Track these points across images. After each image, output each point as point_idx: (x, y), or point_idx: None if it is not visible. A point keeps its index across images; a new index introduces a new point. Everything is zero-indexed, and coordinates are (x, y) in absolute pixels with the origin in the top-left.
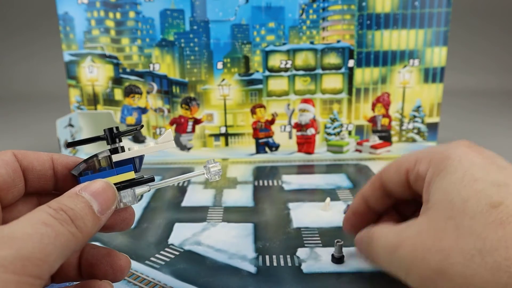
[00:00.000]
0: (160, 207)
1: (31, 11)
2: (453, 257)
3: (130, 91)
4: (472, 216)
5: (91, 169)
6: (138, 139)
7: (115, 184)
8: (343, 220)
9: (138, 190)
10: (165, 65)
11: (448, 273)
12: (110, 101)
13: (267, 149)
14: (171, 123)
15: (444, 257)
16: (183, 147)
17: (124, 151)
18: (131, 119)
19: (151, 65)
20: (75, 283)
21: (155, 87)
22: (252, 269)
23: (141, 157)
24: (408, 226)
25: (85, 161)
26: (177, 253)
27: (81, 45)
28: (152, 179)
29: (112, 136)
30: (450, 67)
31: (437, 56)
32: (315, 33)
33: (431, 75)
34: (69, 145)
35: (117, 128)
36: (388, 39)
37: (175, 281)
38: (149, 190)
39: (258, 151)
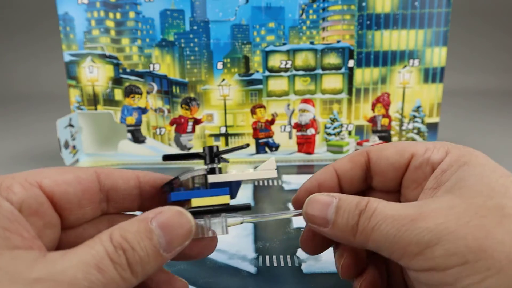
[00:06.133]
0: None
1: (31, 11)
2: (498, 235)
3: (130, 91)
4: None
5: (184, 186)
6: (138, 139)
7: (207, 206)
8: (293, 198)
9: (230, 220)
10: (165, 65)
11: (488, 251)
12: (110, 101)
13: (267, 149)
14: (171, 123)
15: (485, 234)
16: (183, 147)
17: (221, 173)
18: (131, 119)
19: (151, 65)
20: None
21: (155, 87)
22: (252, 269)
23: (238, 183)
24: (429, 202)
25: (177, 178)
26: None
27: (81, 45)
28: (248, 207)
29: (211, 155)
30: (450, 67)
31: (437, 56)
32: (315, 33)
33: (431, 75)
34: (165, 158)
35: (217, 147)
36: (388, 39)
37: None
38: (241, 223)
39: (258, 151)
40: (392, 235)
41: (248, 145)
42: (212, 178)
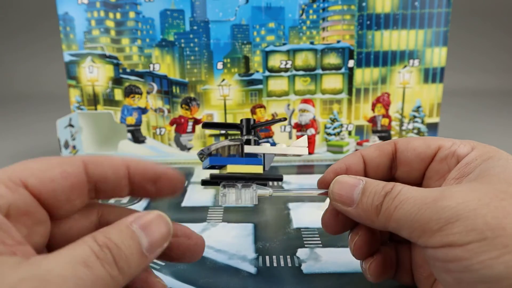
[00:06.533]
0: (160, 207)
1: (31, 12)
2: None
3: (130, 91)
4: None
5: (219, 153)
6: (138, 139)
7: (242, 173)
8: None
9: (260, 191)
10: (165, 65)
11: (507, 229)
12: (110, 101)
13: None
14: (171, 123)
15: (505, 214)
16: (183, 147)
17: (256, 144)
18: (131, 119)
19: (151, 65)
20: None
21: (155, 87)
22: (252, 269)
23: (271, 156)
24: (452, 187)
25: (214, 145)
26: None
27: (81, 45)
28: (281, 178)
29: (248, 127)
30: (450, 67)
31: (437, 56)
32: (315, 33)
33: (431, 75)
34: (205, 125)
35: (254, 120)
36: (388, 40)
37: (176, 282)
38: (270, 195)
39: None
40: (414, 213)
41: (285, 119)
42: (248, 149)
